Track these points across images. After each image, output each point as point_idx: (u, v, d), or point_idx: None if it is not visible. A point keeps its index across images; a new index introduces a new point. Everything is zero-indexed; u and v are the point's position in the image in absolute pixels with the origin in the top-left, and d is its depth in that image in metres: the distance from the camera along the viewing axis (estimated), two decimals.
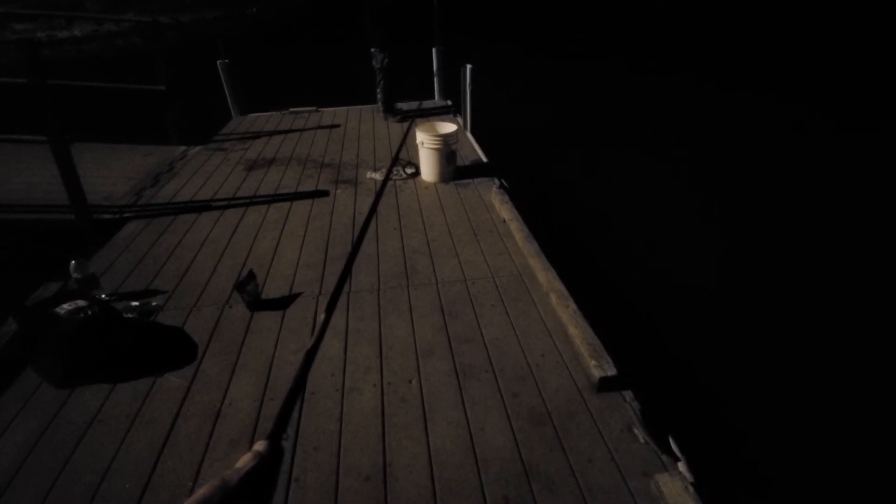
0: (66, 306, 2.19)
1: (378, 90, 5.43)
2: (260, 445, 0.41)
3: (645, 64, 10.50)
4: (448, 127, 4.02)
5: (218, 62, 5.65)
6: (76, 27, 16.08)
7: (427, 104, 6.18)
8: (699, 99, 8.01)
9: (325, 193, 3.91)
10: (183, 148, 5.04)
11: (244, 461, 0.39)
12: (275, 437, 0.43)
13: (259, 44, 13.92)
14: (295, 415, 1.89)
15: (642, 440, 1.77)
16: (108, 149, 4.93)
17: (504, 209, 3.39)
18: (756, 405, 2.53)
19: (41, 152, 3.34)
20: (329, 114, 6.09)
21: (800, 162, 5.48)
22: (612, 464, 1.70)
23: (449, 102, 6.17)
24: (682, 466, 1.67)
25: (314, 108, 6.25)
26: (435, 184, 3.99)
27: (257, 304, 2.57)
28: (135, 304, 2.58)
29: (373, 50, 5.11)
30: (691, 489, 1.55)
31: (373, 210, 1.12)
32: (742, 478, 2.18)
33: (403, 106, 5.79)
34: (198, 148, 5.05)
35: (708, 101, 7.85)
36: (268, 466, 0.40)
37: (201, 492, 0.35)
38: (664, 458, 1.71)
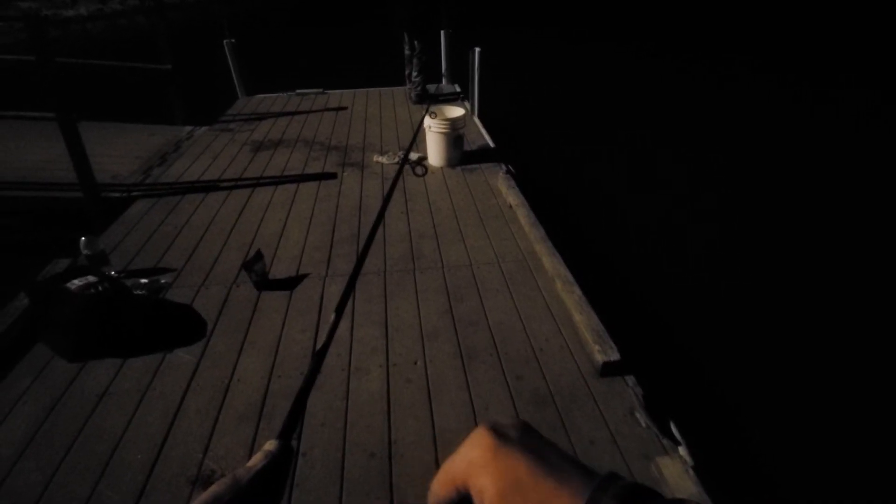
0: (76, 282, 2.21)
1: (415, 74, 5.26)
2: (270, 445, 0.42)
3: (654, 49, 10.35)
4: (455, 111, 3.99)
5: (224, 42, 5.60)
6: (81, 6, 15.95)
7: (436, 88, 6.12)
8: (709, 85, 7.91)
9: (331, 176, 3.91)
10: (189, 128, 5.03)
11: (255, 460, 0.41)
12: (285, 437, 0.44)
13: (265, 24, 13.78)
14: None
15: (644, 424, 1.80)
16: (114, 128, 4.93)
17: (510, 194, 3.38)
18: (757, 392, 2.55)
19: (48, 130, 3.34)
20: (336, 96, 6.05)
21: (807, 151, 5.43)
22: (613, 446, 1.73)
23: (457, 87, 6.11)
24: (682, 450, 1.69)
25: (321, 89, 6.21)
26: (442, 168, 3.98)
27: (265, 283, 2.59)
28: (144, 281, 2.61)
29: (408, 36, 4.99)
30: (691, 472, 1.57)
31: (386, 201, 1.11)
32: (742, 462, 2.21)
33: (431, 88, 5.68)
34: (204, 128, 5.04)
35: (718, 88, 7.76)
36: (278, 465, 0.41)
37: (213, 489, 0.36)
38: (665, 441, 1.73)
